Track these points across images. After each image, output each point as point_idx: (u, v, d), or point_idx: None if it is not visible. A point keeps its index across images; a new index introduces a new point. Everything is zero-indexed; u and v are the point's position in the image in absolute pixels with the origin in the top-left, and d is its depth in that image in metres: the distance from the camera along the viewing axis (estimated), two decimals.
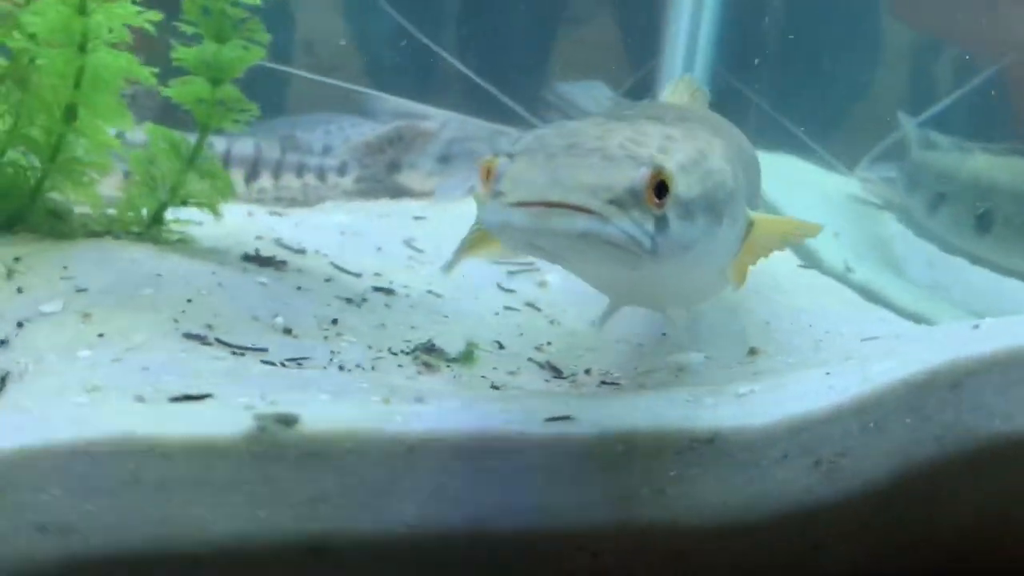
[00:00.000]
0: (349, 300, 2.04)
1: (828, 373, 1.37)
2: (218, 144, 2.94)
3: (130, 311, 1.62)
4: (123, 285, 1.69)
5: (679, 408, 1.28)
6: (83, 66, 1.81)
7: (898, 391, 1.29)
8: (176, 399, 1.21)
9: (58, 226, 1.89)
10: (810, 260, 2.47)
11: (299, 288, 1.96)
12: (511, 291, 2.45)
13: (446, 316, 2.14)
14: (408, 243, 2.65)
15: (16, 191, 1.90)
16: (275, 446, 1.10)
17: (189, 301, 1.70)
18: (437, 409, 1.22)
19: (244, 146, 2.98)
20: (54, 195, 1.96)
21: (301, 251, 2.31)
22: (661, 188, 1.21)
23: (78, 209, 2.01)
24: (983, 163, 2.48)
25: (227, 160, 2.94)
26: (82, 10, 1.77)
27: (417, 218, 2.91)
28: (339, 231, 2.62)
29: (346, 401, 1.21)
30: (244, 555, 1.12)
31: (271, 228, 2.44)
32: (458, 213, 3.00)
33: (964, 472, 1.32)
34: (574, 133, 1.29)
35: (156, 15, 1.93)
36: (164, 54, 2.03)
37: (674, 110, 1.73)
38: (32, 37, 1.82)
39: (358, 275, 2.27)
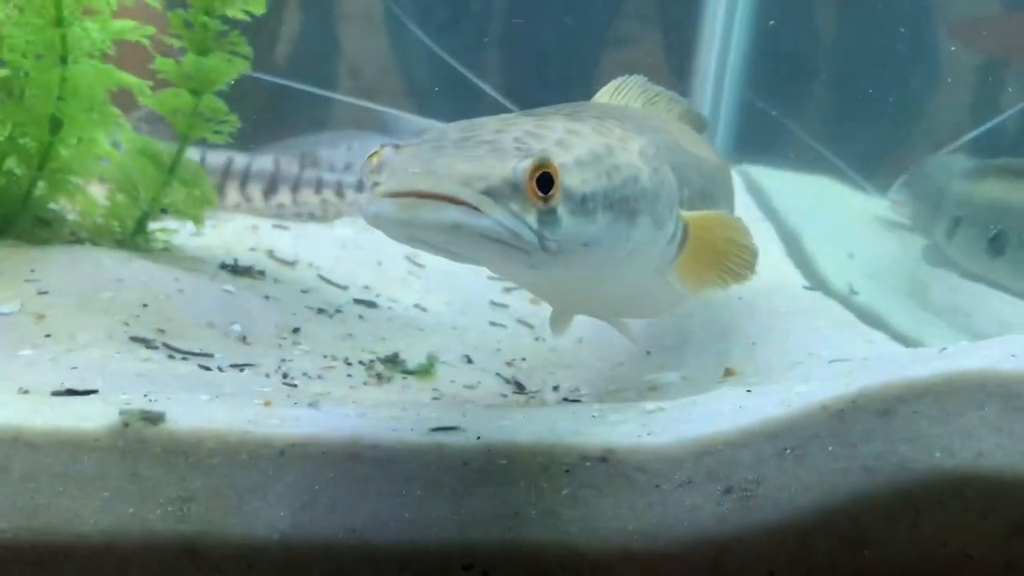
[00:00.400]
0: (321, 311, 2.04)
1: (748, 391, 1.28)
2: (238, 160, 3.02)
3: (84, 313, 1.66)
4: (84, 289, 1.73)
5: (577, 423, 1.21)
6: (63, 78, 1.88)
7: (817, 416, 1.19)
8: (58, 393, 1.22)
9: (42, 233, 1.96)
10: (816, 281, 2.35)
11: (267, 297, 1.97)
12: (503, 306, 2.42)
13: (421, 329, 2.12)
14: (411, 259, 2.64)
15: (8, 199, 1.98)
16: (139, 442, 1.10)
17: (145, 306, 1.73)
18: (321, 415, 1.19)
19: (263, 162, 3.05)
20: (52, 204, 2.04)
21: (291, 263, 2.33)
22: (546, 180, 1.15)
23: (74, 217, 2.09)
24: (996, 185, 2.32)
25: (246, 175, 3.01)
26: (58, 22, 1.84)
27: None
28: (340, 244, 2.64)
29: (224, 402, 1.19)
30: (117, 551, 1.12)
31: (269, 240, 2.48)
32: None
33: (900, 511, 1.20)
34: (474, 127, 1.25)
35: (150, 29, 2.00)
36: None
37: (598, 108, 1.65)
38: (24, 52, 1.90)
39: (344, 287, 2.28)
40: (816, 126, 3.55)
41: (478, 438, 1.16)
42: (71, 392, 1.22)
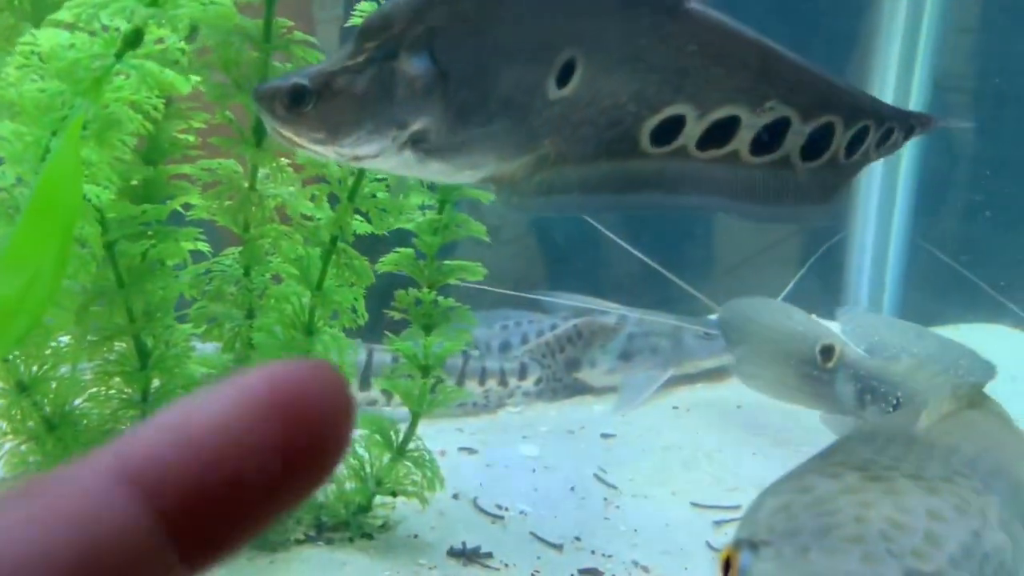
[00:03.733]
0: None
1: None
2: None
3: None
4: None
5: None
6: None
7: None
8: None
9: (267, 530, 1.86)
10: None
11: None
12: (717, 550, 2.27)
13: None
14: (600, 477, 2.52)
15: None
16: None
17: None
18: None
19: None
20: None
21: (500, 517, 2.22)
22: None
23: None
24: None
25: None
26: (309, 331, 1.76)
27: (605, 436, 2.79)
28: (531, 469, 2.52)
29: None
30: None
31: (465, 479, 2.36)
32: (647, 426, 2.87)
33: None
34: (827, 506, 1.13)
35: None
36: None
37: (938, 455, 1.51)
38: None
39: (558, 545, 2.15)
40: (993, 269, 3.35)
41: None
42: None
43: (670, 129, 1.18)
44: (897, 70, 3.46)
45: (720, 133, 1.20)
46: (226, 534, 0.36)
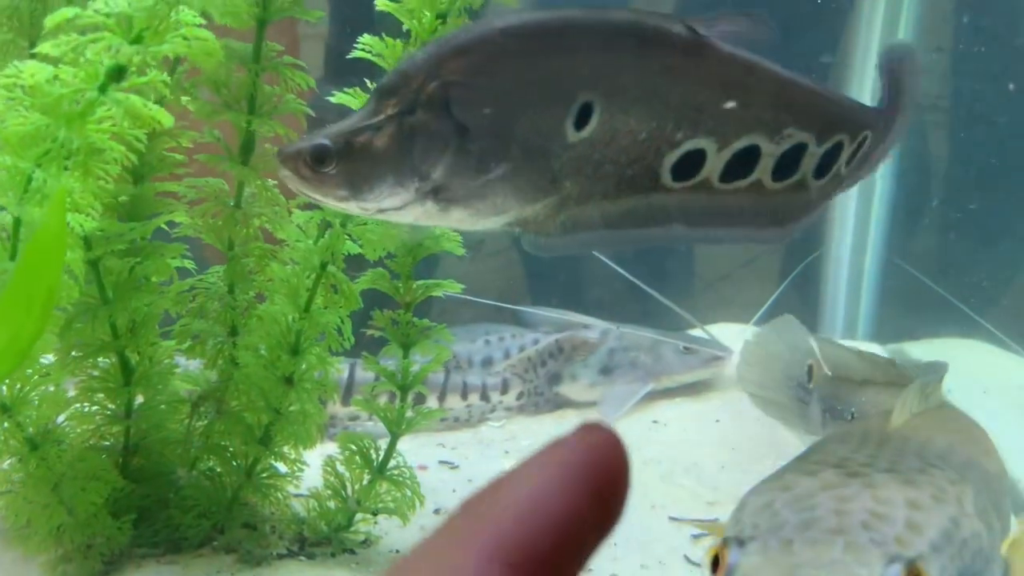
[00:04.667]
0: None
1: None
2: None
3: None
4: None
5: None
6: (284, 395, 1.83)
7: None
8: None
9: (252, 545, 1.89)
10: None
11: None
12: (697, 565, 2.31)
13: None
14: None
15: (215, 504, 1.92)
16: None
17: None
18: None
19: None
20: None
21: None
22: None
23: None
24: None
25: None
26: (295, 351, 1.79)
27: None
28: None
29: None
30: None
31: (447, 494, 2.39)
32: (626, 440, 2.89)
33: None
34: (807, 502, 1.17)
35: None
36: None
37: (912, 449, 1.56)
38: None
39: None
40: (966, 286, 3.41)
41: None
42: None
43: (691, 163, 1.18)
44: (872, 88, 3.53)
45: (742, 164, 1.21)
46: None
